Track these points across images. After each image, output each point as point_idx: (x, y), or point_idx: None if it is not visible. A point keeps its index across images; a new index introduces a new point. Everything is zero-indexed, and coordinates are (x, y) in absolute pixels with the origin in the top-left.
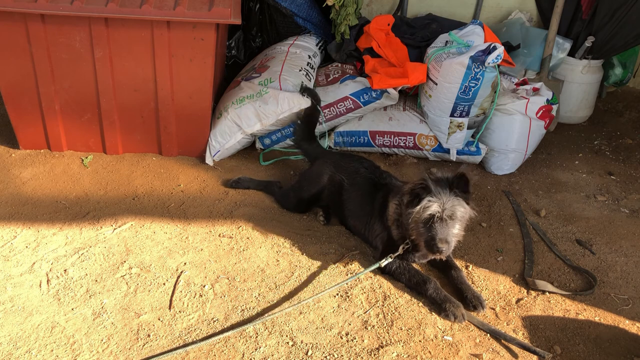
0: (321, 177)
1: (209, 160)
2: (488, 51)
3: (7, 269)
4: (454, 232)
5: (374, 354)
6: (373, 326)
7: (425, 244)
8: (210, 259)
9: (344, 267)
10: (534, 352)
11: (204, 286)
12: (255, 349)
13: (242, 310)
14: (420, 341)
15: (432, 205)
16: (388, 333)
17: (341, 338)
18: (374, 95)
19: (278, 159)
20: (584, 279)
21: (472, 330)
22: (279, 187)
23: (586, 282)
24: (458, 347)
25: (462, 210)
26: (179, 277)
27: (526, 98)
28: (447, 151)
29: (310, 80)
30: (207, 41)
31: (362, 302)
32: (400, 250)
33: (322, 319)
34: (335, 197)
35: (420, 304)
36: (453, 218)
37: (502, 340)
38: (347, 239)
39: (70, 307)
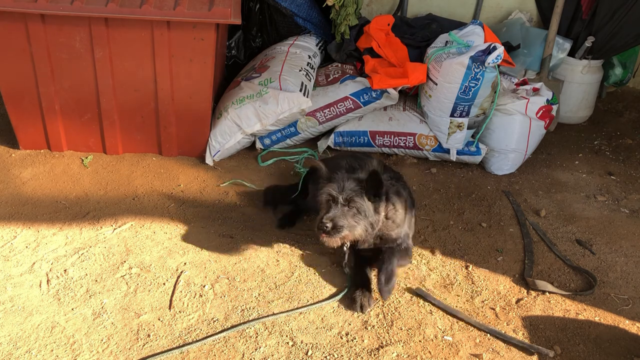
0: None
1: (209, 161)
2: (488, 51)
3: (7, 269)
4: (348, 218)
5: (374, 354)
6: (373, 326)
7: (317, 222)
8: (210, 259)
9: (344, 267)
10: (536, 351)
11: (204, 286)
12: (255, 349)
13: (242, 310)
14: (420, 341)
15: (329, 189)
16: (388, 333)
17: (341, 338)
18: (374, 96)
19: (277, 159)
20: (584, 279)
21: (472, 330)
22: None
23: (586, 282)
24: (458, 347)
25: (359, 201)
26: (179, 277)
27: (526, 98)
28: (447, 151)
29: (310, 80)
30: (207, 41)
31: None
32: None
33: (322, 319)
34: None
35: (420, 303)
36: (351, 206)
37: (502, 341)
38: None
39: (70, 307)
